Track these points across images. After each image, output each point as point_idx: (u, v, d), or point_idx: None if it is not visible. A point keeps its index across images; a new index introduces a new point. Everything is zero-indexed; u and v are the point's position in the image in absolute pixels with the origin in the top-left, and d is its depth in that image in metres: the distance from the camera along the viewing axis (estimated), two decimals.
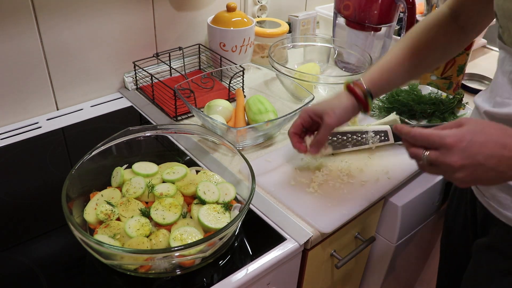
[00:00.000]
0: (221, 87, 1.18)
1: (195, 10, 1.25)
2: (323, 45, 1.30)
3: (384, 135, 0.95)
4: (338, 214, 0.81)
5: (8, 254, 0.72)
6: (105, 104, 1.14)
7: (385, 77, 0.81)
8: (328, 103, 0.81)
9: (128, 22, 1.12)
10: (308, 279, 0.87)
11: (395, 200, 0.94)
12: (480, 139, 0.56)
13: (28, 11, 0.96)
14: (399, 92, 1.12)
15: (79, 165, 0.75)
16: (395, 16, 1.23)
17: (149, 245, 0.68)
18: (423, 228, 1.08)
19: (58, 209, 0.67)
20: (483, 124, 0.58)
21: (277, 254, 0.73)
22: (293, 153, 0.95)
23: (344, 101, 0.80)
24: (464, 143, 0.56)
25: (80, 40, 1.06)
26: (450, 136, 0.57)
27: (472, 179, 0.57)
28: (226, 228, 0.65)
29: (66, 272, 0.70)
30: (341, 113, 0.79)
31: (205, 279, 0.68)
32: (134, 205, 0.74)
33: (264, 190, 0.86)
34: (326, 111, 0.79)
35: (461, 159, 0.56)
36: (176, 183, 0.80)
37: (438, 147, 0.58)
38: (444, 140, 0.57)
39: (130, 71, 1.18)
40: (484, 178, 0.57)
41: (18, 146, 0.98)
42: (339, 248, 0.90)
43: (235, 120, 1.02)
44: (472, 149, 0.55)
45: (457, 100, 1.11)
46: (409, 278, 1.31)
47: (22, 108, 1.05)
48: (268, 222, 0.79)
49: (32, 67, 1.02)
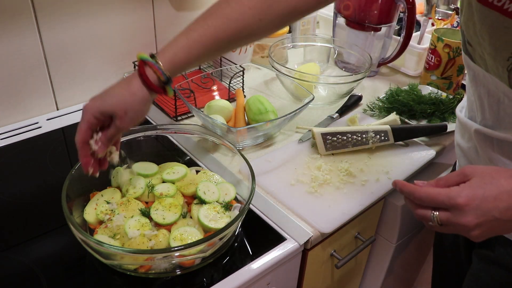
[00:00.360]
0: (221, 87, 1.18)
1: (195, 10, 1.25)
2: (323, 45, 1.30)
3: (384, 135, 0.95)
4: (338, 214, 0.81)
5: (8, 254, 0.72)
6: None
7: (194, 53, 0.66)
8: (118, 98, 0.65)
9: (128, 22, 1.12)
10: (308, 279, 0.87)
11: (395, 200, 0.94)
12: (493, 193, 0.51)
13: (28, 11, 0.96)
14: (399, 92, 1.12)
15: (79, 165, 0.75)
16: (395, 16, 1.23)
17: (149, 245, 0.68)
18: (423, 228, 1.09)
19: (58, 209, 0.67)
20: (491, 174, 0.53)
21: (277, 254, 0.73)
22: (293, 153, 0.95)
23: (137, 94, 0.65)
24: (477, 201, 0.51)
25: (80, 40, 1.06)
26: (461, 196, 0.52)
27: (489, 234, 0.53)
28: (226, 228, 0.65)
29: (66, 272, 0.70)
30: (135, 113, 0.66)
31: (205, 279, 0.68)
32: (134, 205, 0.74)
33: (264, 190, 0.86)
34: (116, 112, 0.65)
35: (476, 218, 0.51)
36: (176, 183, 0.80)
37: (449, 208, 0.53)
38: (455, 201, 0.52)
39: (130, 71, 1.18)
40: (503, 230, 0.54)
41: (18, 146, 0.98)
42: (339, 248, 0.90)
43: (235, 120, 1.02)
44: (486, 205, 0.51)
45: (457, 100, 1.11)
46: (409, 278, 1.31)
47: (22, 108, 1.05)
48: (268, 222, 0.79)
49: (32, 67, 1.02)
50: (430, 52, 1.18)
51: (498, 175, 0.53)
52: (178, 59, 0.66)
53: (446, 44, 1.13)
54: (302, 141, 0.99)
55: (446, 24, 1.40)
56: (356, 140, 0.95)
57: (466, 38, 0.64)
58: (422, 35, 1.36)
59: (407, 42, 1.21)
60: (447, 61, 1.15)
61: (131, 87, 0.65)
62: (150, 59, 0.65)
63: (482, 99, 0.66)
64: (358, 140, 0.95)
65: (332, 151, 0.94)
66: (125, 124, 0.66)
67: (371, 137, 0.95)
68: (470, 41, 0.63)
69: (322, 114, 1.10)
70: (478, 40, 0.61)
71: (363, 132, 0.95)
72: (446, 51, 1.14)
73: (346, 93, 1.13)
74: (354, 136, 0.95)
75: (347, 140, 0.95)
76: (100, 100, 0.66)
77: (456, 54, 1.13)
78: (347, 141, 0.95)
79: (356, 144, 0.95)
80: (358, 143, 0.95)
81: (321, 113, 1.11)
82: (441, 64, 1.16)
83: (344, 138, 0.94)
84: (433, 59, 1.17)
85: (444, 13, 1.50)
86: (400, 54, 1.25)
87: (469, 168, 0.55)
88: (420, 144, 1.00)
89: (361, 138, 0.95)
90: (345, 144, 0.95)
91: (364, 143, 0.95)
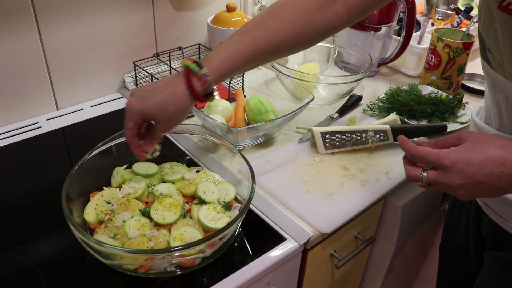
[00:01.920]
0: (221, 87, 1.18)
1: (195, 10, 1.25)
2: (323, 45, 1.30)
3: (384, 135, 0.95)
4: (338, 214, 0.81)
5: (8, 254, 0.72)
6: (105, 104, 1.14)
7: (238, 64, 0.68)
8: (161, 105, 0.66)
9: (128, 22, 1.12)
10: (308, 279, 0.87)
11: (395, 200, 0.94)
12: (479, 159, 0.56)
13: (28, 11, 0.96)
14: (399, 92, 1.12)
15: (79, 165, 0.75)
16: (395, 16, 1.23)
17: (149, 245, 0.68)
18: (423, 228, 1.08)
19: (58, 209, 0.67)
20: (482, 141, 0.57)
21: (277, 254, 0.73)
22: (293, 153, 0.95)
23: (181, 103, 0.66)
24: (462, 164, 0.56)
25: (80, 40, 1.06)
26: (448, 158, 0.57)
27: (473, 195, 0.58)
28: (226, 228, 0.65)
29: (66, 272, 0.70)
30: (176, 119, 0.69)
31: (205, 279, 0.68)
32: (134, 205, 0.74)
33: (264, 190, 0.86)
34: (158, 119, 0.67)
35: (459, 179, 0.56)
36: (176, 183, 0.80)
37: (436, 167, 0.59)
38: (441, 162, 0.57)
39: (130, 71, 1.18)
40: (485, 194, 0.58)
41: (18, 146, 0.98)
42: (339, 248, 0.90)
43: (235, 120, 1.02)
44: (471, 169, 0.56)
45: (457, 100, 1.11)
46: (408, 278, 1.31)
47: (22, 108, 1.05)
48: (268, 222, 0.79)
49: (32, 67, 1.02)
50: (430, 52, 1.18)
51: (489, 143, 0.57)
52: (223, 69, 0.67)
53: (446, 44, 1.13)
54: (302, 141, 0.99)
55: (446, 24, 1.40)
56: (355, 140, 0.95)
57: (486, 45, 0.64)
58: (422, 35, 1.36)
59: (407, 42, 1.21)
60: (447, 61, 1.15)
61: (175, 96, 0.66)
62: (197, 71, 0.65)
63: (500, 105, 0.67)
64: (358, 140, 0.95)
65: (331, 150, 0.94)
66: (167, 129, 0.70)
67: (371, 136, 0.95)
68: (490, 48, 0.64)
69: (322, 114, 1.10)
70: (499, 47, 0.61)
71: (363, 132, 0.95)
72: (446, 51, 1.14)
73: (346, 93, 1.13)
74: (354, 135, 0.95)
75: (346, 140, 0.95)
76: (143, 104, 0.66)
77: (456, 54, 1.13)
78: (346, 140, 0.95)
79: (356, 143, 0.95)
80: (357, 142, 0.95)
81: (321, 113, 1.11)
82: (441, 64, 1.16)
83: (343, 138, 0.94)
84: (433, 59, 1.17)
85: (444, 13, 1.50)
86: (400, 54, 1.25)
87: (465, 133, 0.60)
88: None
89: (361, 138, 0.95)
90: (345, 144, 0.95)
91: (363, 143, 0.95)
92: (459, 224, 0.88)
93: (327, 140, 0.94)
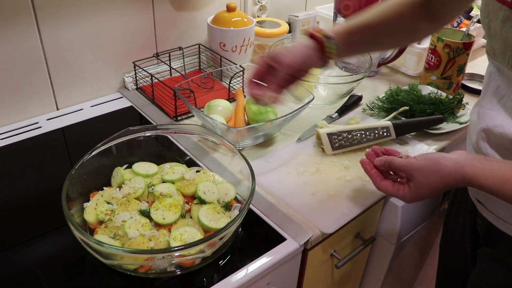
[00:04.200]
0: (221, 87, 1.18)
1: (195, 10, 1.25)
2: None
3: (386, 131, 0.97)
4: (339, 214, 0.81)
5: (8, 254, 0.72)
6: (105, 104, 1.14)
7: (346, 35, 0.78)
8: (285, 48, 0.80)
9: (128, 22, 1.12)
10: (308, 279, 0.87)
11: (395, 200, 0.94)
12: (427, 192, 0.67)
13: (28, 11, 0.96)
14: (399, 92, 1.12)
15: (79, 165, 0.75)
16: None
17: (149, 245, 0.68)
18: (423, 228, 1.08)
19: (58, 209, 0.67)
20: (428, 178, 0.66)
21: (277, 254, 0.73)
22: (293, 153, 0.95)
23: (302, 43, 0.76)
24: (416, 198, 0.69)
25: (80, 40, 1.06)
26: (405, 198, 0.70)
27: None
28: (226, 228, 0.65)
29: (66, 272, 0.70)
30: (298, 53, 0.75)
31: (205, 279, 0.69)
32: (134, 205, 0.74)
33: (264, 190, 0.86)
34: (282, 53, 0.75)
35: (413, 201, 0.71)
36: (176, 183, 0.80)
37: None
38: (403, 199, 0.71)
39: (130, 71, 1.18)
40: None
41: (18, 146, 0.98)
42: (339, 248, 0.90)
43: (235, 120, 1.02)
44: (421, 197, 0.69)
45: (457, 100, 1.11)
46: (409, 278, 1.31)
47: (22, 108, 1.05)
48: (268, 222, 0.79)
49: (32, 67, 1.02)
50: (430, 52, 1.18)
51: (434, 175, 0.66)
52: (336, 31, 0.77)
53: (446, 44, 1.13)
54: (300, 140, 0.99)
55: None
56: (361, 138, 0.96)
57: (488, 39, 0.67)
58: None
59: None
60: (447, 61, 1.15)
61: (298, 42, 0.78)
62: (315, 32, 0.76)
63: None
64: (363, 138, 0.96)
65: (339, 150, 0.95)
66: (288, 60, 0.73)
67: (375, 133, 0.95)
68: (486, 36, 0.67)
69: (322, 114, 1.10)
70: (491, 33, 0.65)
71: (367, 129, 0.96)
72: (446, 51, 1.14)
73: (346, 93, 1.13)
74: (358, 133, 0.95)
75: (352, 138, 0.95)
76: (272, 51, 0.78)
77: (456, 54, 1.13)
78: (352, 139, 0.95)
79: (362, 141, 0.96)
80: (363, 140, 0.96)
81: (321, 113, 1.11)
82: (441, 64, 1.16)
83: (349, 137, 0.95)
84: (433, 59, 1.17)
85: None
86: (400, 54, 1.25)
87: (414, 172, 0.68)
88: (420, 144, 1.00)
89: (366, 135, 0.96)
90: (352, 142, 0.95)
91: (369, 140, 0.96)
92: (458, 221, 0.88)
93: (334, 141, 0.94)
